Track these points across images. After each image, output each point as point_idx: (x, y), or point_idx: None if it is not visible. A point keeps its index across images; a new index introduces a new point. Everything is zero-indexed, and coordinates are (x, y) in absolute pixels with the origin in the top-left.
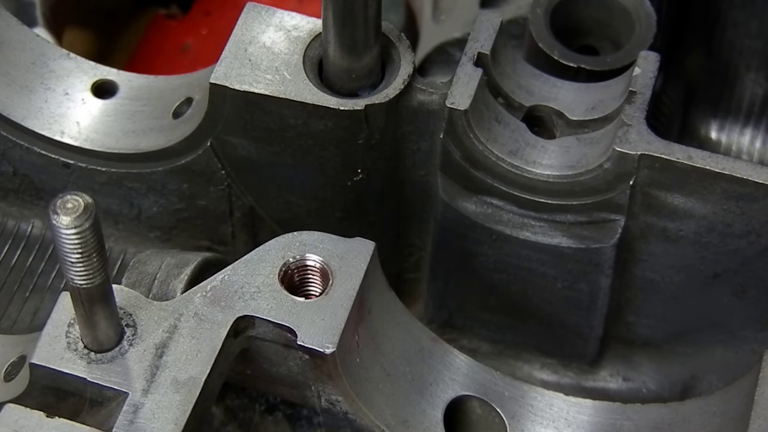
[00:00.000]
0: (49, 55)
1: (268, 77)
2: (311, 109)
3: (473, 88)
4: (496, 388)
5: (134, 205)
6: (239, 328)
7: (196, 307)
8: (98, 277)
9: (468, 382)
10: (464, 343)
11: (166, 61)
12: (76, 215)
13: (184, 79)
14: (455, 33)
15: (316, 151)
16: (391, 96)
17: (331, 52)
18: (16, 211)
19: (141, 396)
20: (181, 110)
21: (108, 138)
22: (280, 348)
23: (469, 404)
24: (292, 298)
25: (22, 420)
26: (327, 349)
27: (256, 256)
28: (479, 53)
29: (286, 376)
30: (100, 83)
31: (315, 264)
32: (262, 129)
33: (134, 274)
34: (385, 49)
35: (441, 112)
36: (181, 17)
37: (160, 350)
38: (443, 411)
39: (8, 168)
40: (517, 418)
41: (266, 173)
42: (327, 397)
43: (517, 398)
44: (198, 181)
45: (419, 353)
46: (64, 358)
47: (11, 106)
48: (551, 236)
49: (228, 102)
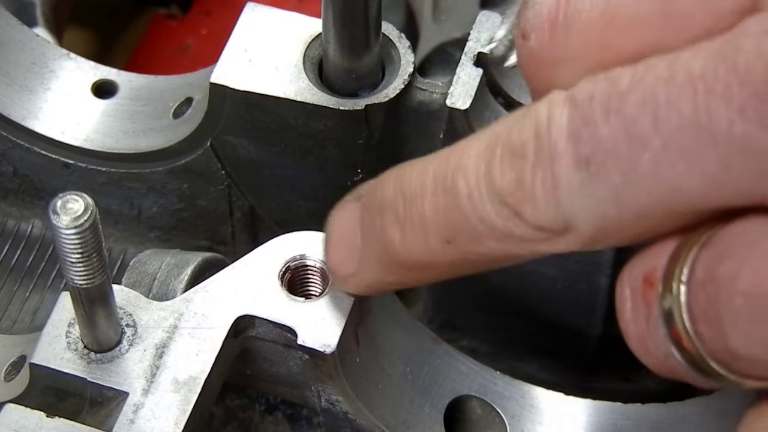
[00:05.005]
0: (49, 55)
1: (268, 77)
2: (311, 109)
3: (473, 88)
4: (496, 388)
5: (134, 205)
6: (239, 328)
7: (196, 307)
8: (98, 277)
9: (468, 382)
10: (464, 343)
11: (166, 61)
12: (76, 215)
13: (184, 79)
14: (455, 33)
15: (316, 151)
16: (391, 96)
17: (331, 52)
18: (16, 211)
19: (141, 396)
20: (181, 110)
21: (108, 138)
22: (280, 348)
23: (469, 404)
24: (292, 298)
25: (22, 420)
26: (327, 349)
27: (255, 256)
28: (479, 53)
29: (286, 376)
30: (100, 83)
31: (315, 264)
32: (262, 129)
33: (134, 274)
34: (385, 49)
35: (441, 112)
36: (181, 17)
37: (160, 350)
38: (443, 411)
39: (8, 168)
40: (517, 418)
41: (266, 173)
42: (327, 397)
43: (517, 398)
44: (198, 181)
45: (419, 353)
46: (64, 358)
47: (11, 106)
48: None
49: (228, 102)
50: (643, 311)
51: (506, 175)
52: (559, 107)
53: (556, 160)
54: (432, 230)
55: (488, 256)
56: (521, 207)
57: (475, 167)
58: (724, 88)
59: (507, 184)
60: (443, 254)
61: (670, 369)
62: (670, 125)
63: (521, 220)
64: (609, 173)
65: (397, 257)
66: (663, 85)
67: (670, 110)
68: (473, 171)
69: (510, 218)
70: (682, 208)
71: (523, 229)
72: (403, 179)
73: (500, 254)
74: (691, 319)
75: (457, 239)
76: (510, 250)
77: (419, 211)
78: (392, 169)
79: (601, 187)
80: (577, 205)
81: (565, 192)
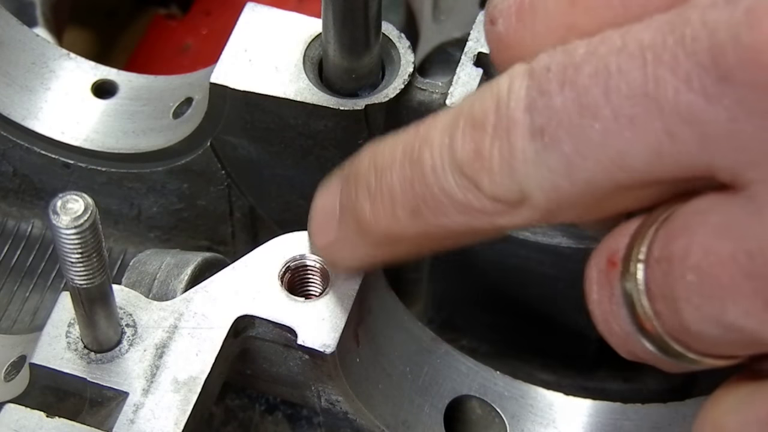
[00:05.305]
0: (49, 55)
1: (268, 77)
2: (311, 109)
3: (473, 88)
4: (496, 388)
5: (134, 205)
6: (239, 328)
7: (196, 307)
8: (98, 277)
9: (468, 382)
10: (464, 343)
11: (166, 61)
12: (76, 215)
13: (184, 79)
14: (455, 33)
15: (316, 151)
16: (391, 96)
17: (331, 52)
18: (16, 211)
19: (141, 396)
20: (181, 110)
21: (108, 138)
22: (280, 348)
23: (469, 404)
24: (292, 298)
25: (22, 420)
26: (327, 349)
27: (255, 256)
28: (479, 53)
29: (286, 376)
30: (100, 83)
31: (315, 264)
32: (262, 129)
33: (134, 274)
34: (385, 49)
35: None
36: (181, 17)
37: (160, 350)
38: (443, 411)
39: (8, 168)
40: (517, 418)
41: (266, 173)
42: (327, 397)
43: (517, 398)
44: (198, 181)
45: (419, 353)
46: (64, 358)
47: (11, 106)
48: (551, 236)
49: (228, 102)
50: (607, 291)
51: (466, 146)
52: (518, 79)
53: (513, 131)
54: (399, 201)
55: (452, 229)
56: (479, 177)
57: (439, 139)
58: (671, 58)
59: (467, 156)
60: (409, 226)
61: (634, 350)
62: (619, 94)
63: (479, 191)
64: (561, 143)
65: (367, 228)
66: (615, 55)
67: (620, 80)
68: (437, 143)
69: (469, 189)
70: (628, 180)
71: (482, 201)
72: (377, 152)
73: (463, 228)
74: (648, 298)
75: (422, 210)
76: (471, 223)
77: (388, 183)
78: (370, 144)
79: (552, 156)
80: (531, 174)
81: (520, 162)
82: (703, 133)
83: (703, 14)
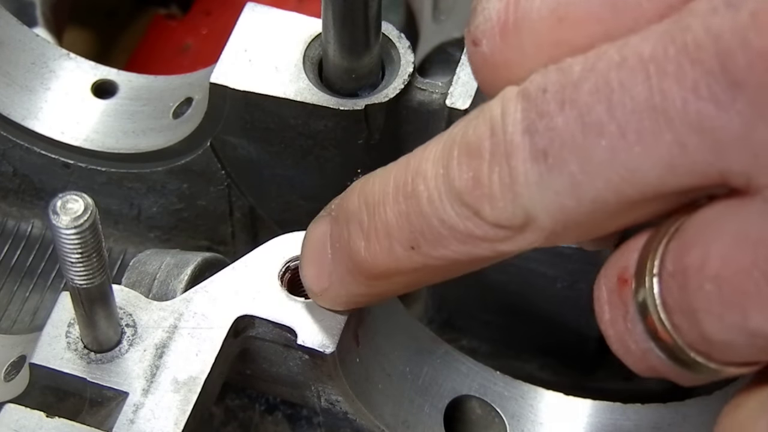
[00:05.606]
0: (49, 55)
1: (268, 77)
2: (311, 109)
3: (473, 88)
4: (496, 388)
5: (134, 205)
6: (239, 328)
7: (196, 307)
8: (98, 277)
9: (468, 382)
10: (464, 343)
11: (166, 61)
12: (76, 215)
13: (184, 79)
14: (455, 33)
15: (316, 151)
16: (391, 96)
17: (331, 52)
18: (16, 211)
19: (141, 396)
20: (181, 110)
21: (108, 138)
22: (280, 348)
23: (469, 404)
24: (292, 298)
25: (22, 420)
26: (327, 349)
27: (255, 256)
28: None
29: (286, 376)
30: (100, 83)
31: None
32: (262, 129)
33: (134, 274)
34: (385, 49)
35: (441, 112)
36: (181, 17)
37: (160, 350)
38: (443, 411)
39: (8, 168)
40: (517, 418)
41: (266, 173)
42: (327, 397)
43: (517, 398)
44: (198, 181)
45: (419, 353)
46: (64, 358)
47: (11, 106)
48: None
49: (228, 102)
50: (621, 310)
51: (464, 175)
52: (512, 102)
53: (513, 155)
54: (395, 237)
55: (452, 260)
56: (480, 205)
57: (433, 170)
58: (675, 68)
59: (465, 184)
60: (408, 261)
61: (651, 366)
62: (625, 110)
63: (480, 218)
64: (566, 163)
65: (363, 267)
66: (615, 70)
67: (623, 95)
68: (432, 174)
69: (470, 218)
70: (639, 195)
71: (484, 228)
72: (366, 189)
73: (464, 257)
74: (666, 311)
75: (421, 244)
76: (472, 251)
77: (382, 219)
78: (357, 180)
79: (558, 178)
80: (536, 198)
81: (523, 186)
82: (715, 140)
83: (704, 21)
